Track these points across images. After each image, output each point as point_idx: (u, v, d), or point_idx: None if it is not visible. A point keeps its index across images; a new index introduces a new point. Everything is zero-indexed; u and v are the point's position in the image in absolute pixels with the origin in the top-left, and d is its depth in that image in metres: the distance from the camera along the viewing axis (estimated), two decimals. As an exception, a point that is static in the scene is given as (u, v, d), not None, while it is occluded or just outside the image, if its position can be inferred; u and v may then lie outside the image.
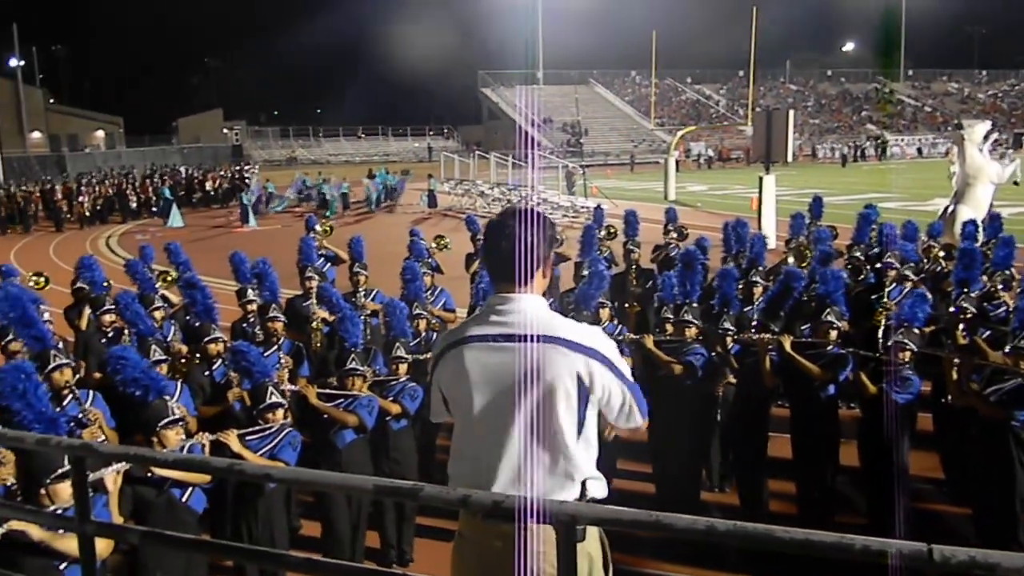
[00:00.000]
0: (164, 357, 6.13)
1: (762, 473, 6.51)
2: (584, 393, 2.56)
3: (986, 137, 15.11)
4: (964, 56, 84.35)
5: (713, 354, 6.53)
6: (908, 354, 5.81)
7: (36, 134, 60.29)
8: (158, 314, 7.48)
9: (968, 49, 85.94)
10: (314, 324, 7.98)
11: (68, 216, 30.08)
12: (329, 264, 10.54)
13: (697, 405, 6.48)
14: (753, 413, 6.58)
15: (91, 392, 5.62)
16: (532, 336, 2.56)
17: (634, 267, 9.95)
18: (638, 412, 2.67)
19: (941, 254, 9.17)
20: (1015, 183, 19.41)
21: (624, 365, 2.65)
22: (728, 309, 6.95)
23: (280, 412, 5.16)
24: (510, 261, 2.63)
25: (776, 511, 6.43)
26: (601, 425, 2.73)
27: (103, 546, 3.27)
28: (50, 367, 5.49)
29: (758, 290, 7.87)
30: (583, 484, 2.60)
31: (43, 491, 3.72)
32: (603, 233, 11.14)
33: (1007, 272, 7.67)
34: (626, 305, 9.35)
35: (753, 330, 6.74)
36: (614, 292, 8.61)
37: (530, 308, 2.62)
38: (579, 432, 2.59)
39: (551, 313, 2.66)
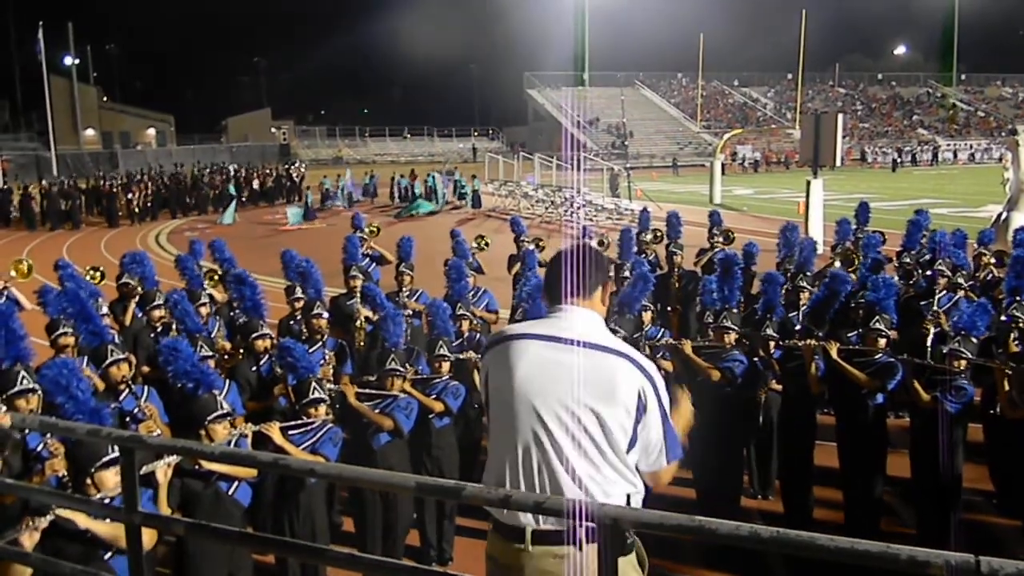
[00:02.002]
0: (211, 354, 6.23)
1: (808, 481, 6.42)
2: (641, 410, 2.57)
3: (1042, 143, 14.75)
4: (1019, 60, 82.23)
5: (756, 359, 6.46)
6: (963, 363, 5.70)
7: (89, 131, 61.80)
8: (204, 310, 7.60)
9: (1022, 53, 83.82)
10: (358, 323, 8.05)
11: (120, 212, 30.73)
12: (375, 264, 10.62)
13: (736, 411, 6.42)
14: (799, 420, 6.50)
15: (146, 387, 5.72)
16: (596, 345, 2.60)
17: (677, 270, 9.89)
18: (666, 454, 2.65)
19: (992, 261, 8.96)
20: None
21: (669, 404, 2.67)
22: (772, 314, 6.87)
23: (323, 408, 5.22)
24: (587, 279, 2.72)
25: (821, 519, 6.34)
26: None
27: (148, 537, 3.33)
28: (108, 361, 5.62)
29: (805, 295, 7.76)
30: (628, 498, 2.59)
31: (88, 480, 3.79)
32: (649, 236, 11.09)
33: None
34: (668, 308, 9.30)
35: (797, 335, 6.65)
36: (657, 295, 8.56)
37: (589, 319, 2.71)
38: (631, 445, 2.59)
39: (609, 332, 2.74)
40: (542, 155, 33.36)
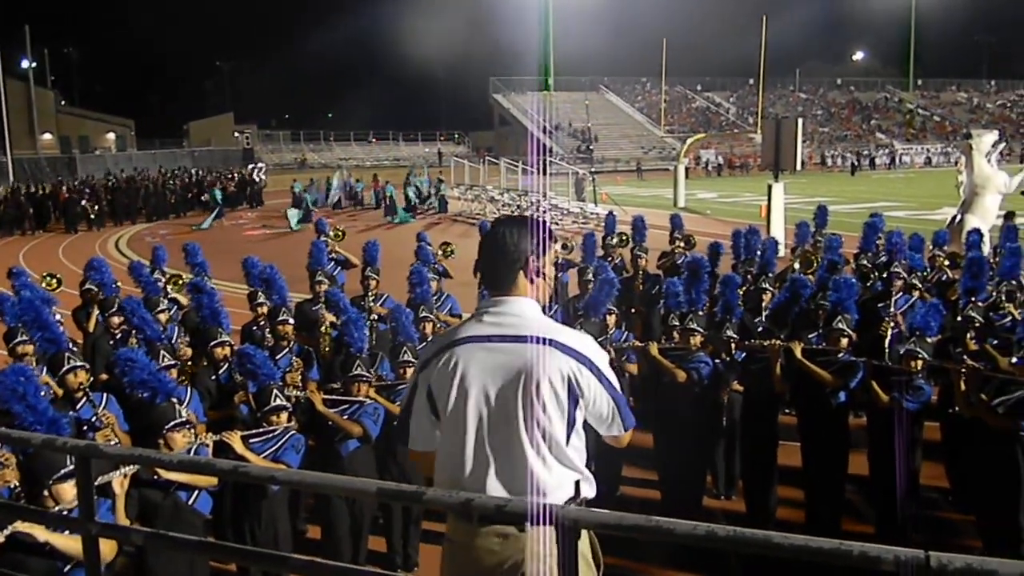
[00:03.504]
0: (173, 362, 6.15)
1: (770, 481, 6.50)
2: (574, 396, 2.58)
3: (994, 147, 15.08)
4: (973, 66, 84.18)
5: (718, 361, 6.54)
6: (920, 363, 5.82)
7: (47, 136, 60.67)
8: (163, 316, 7.52)
9: (977, 59, 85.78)
10: (323, 328, 8.01)
11: (79, 217, 30.23)
12: (340, 268, 10.58)
13: (702, 412, 6.48)
14: (761, 420, 6.58)
15: (105, 395, 5.64)
16: (521, 337, 2.59)
17: (641, 272, 9.99)
18: (621, 422, 2.69)
19: (946, 263, 9.15)
20: (1023, 193, 19.33)
21: (612, 375, 2.68)
22: (731, 316, 6.96)
23: (284, 415, 5.18)
24: (502, 268, 2.69)
25: (784, 519, 6.42)
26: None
27: (107, 548, 3.28)
28: (64, 369, 5.53)
29: (767, 296, 7.87)
30: (576, 484, 2.61)
31: (46, 492, 3.73)
32: (614, 240, 11.19)
33: (1012, 283, 7.65)
34: (631, 310, 9.38)
35: (759, 337, 6.74)
36: (621, 297, 8.63)
37: (524, 310, 2.66)
38: (569, 434, 2.61)
39: (543, 316, 2.68)
40: (508, 159, 33.40)
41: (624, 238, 11.39)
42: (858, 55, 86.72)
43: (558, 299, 8.66)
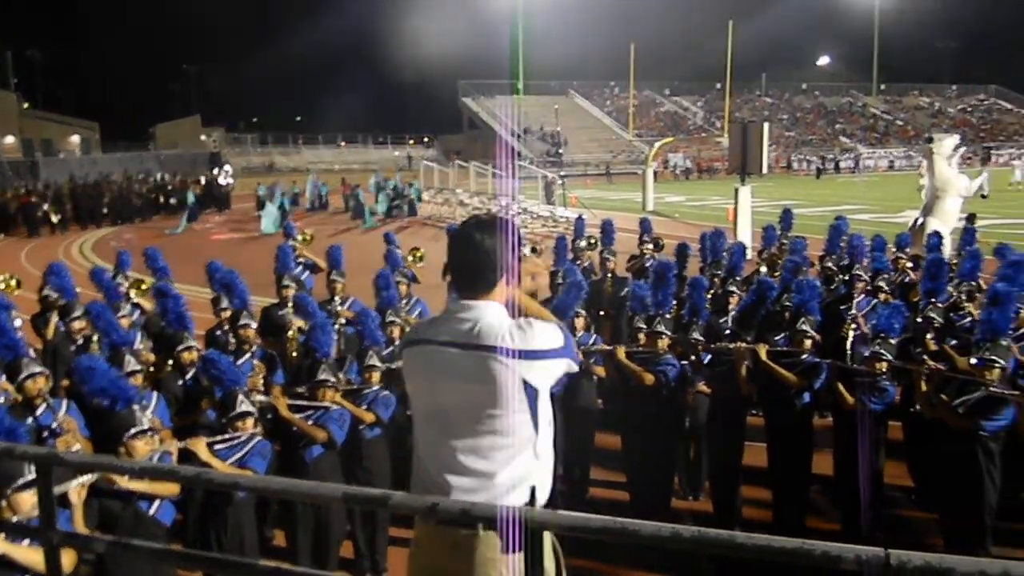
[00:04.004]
0: (139, 368, 6.06)
1: (736, 481, 6.55)
2: (532, 394, 2.59)
3: (955, 151, 15.34)
4: (935, 71, 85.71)
5: (685, 363, 6.58)
6: (884, 364, 5.90)
7: (9, 139, 59.56)
8: (125, 322, 7.41)
9: (939, 64, 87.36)
10: (290, 333, 7.95)
11: (42, 221, 29.76)
12: (308, 272, 10.51)
13: (668, 414, 6.53)
14: (728, 421, 6.64)
15: (65, 401, 5.55)
16: (477, 346, 2.59)
17: (610, 275, 10.04)
18: (574, 367, 2.75)
19: (909, 265, 9.29)
20: (983, 196, 19.72)
21: (558, 336, 2.67)
22: (697, 319, 7.01)
23: (250, 421, 5.13)
24: (472, 271, 2.68)
25: (750, 518, 6.48)
26: None
27: (68, 560, 3.23)
28: (22, 376, 5.43)
29: (734, 299, 7.93)
30: (532, 489, 2.62)
31: (4, 502, 3.65)
32: (583, 243, 11.24)
33: (972, 284, 7.79)
34: (600, 313, 9.41)
35: (726, 339, 6.80)
36: (590, 300, 8.65)
37: (484, 317, 2.65)
38: (534, 436, 2.61)
39: (504, 322, 2.65)
40: (477, 163, 33.41)
41: (593, 241, 11.43)
42: (823, 60, 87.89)
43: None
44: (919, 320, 7.09)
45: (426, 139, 75.48)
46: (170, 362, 6.77)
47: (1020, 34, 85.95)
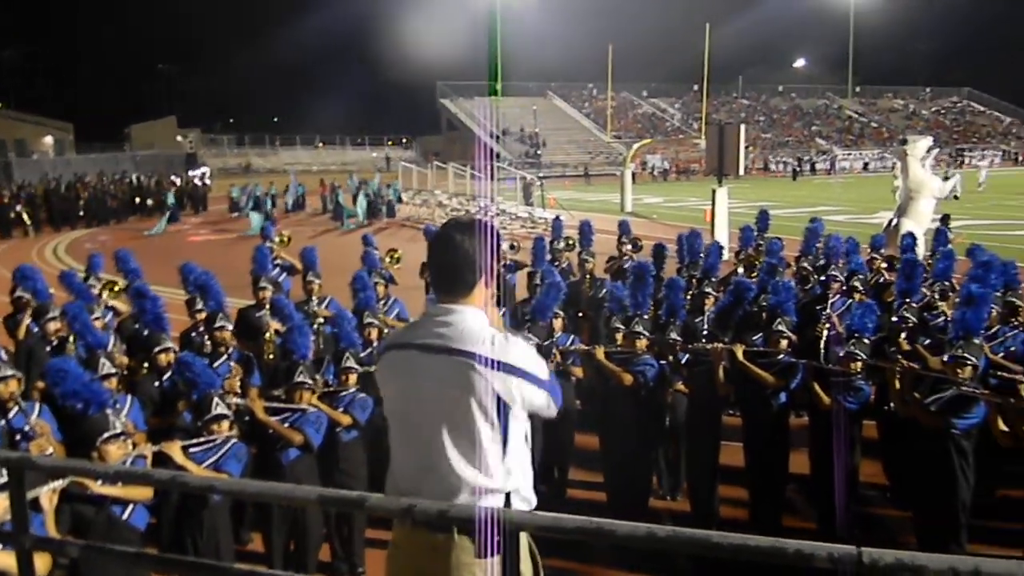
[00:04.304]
0: (113, 371, 6.00)
1: (714, 481, 6.59)
2: (505, 409, 2.58)
3: (928, 152, 15.52)
4: (909, 73, 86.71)
5: (663, 363, 6.62)
6: (859, 364, 5.96)
7: (-19, 140, 58.79)
8: (98, 324, 7.34)
9: (913, 67, 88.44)
10: (267, 335, 7.91)
11: (15, 223, 29.37)
12: (285, 274, 10.46)
13: (646, 414, 6.55)
14: (705, 421, 6.67)
15: (37, 404, 5.48)
16: (454, 350, 2.59)
17: (588, 277, 10.07)
18: (554, 408, 2.72)
19: (883, 265, 9.39)
20: (955, 197, 19.97)
21: (540, 368, 2.67)
22: (675, 319, 7.04)
23: (225, 424, 5.09)
24: (452, 272, 2.68)
25: (728, 517, 6.52)
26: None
27: (42, 565, 3.19)
28: (-6, 378, 5.35)
29: (709, 300, 7.98)
30: (507, 497, 2.62)
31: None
32: (562, 244, 11.27)
33: (945, 283, 7.88)
34: (579, 313, 9.44)
35: (704, 340, 6.84)
36: (568, 301, 8.68)
37: (464, 321, 2.64)
38: (503, 446, 2.61)
39: (483, 328, 2.65)
40: (456, 164, 33.38)
41: (571, 242, 11.47)
42: (799, 63, 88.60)
43: (506, 303, 8.67)
44: (894, 320, 7.17)
45: (404, 140, 75.28)
46: (146, 364, 6.71)
47: (993, 37, 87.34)
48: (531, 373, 2.63)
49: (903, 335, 6.93)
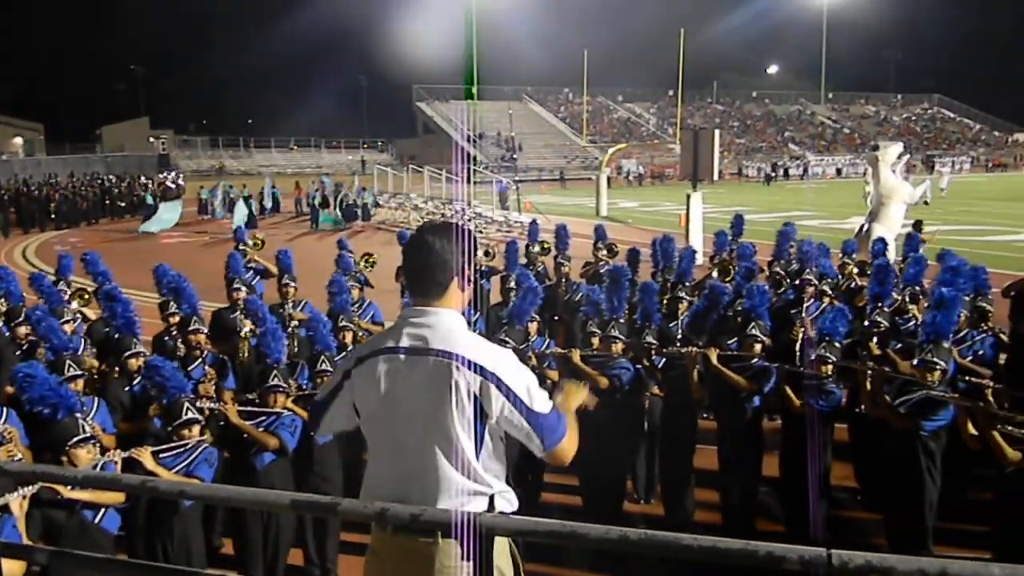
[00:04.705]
0: (79, 372, 5.94)
1: (688, 484, 6.62)
2: (479, 413, 2.55)
3: (899, 158, 15.71)
4: (881, 80, 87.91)
5: (639, 367, 6.64)
6: (830, 367, 6.02)
7: (-51, 140, 57.93)
8: (68, 327, 7.26)
9: (885, 73, 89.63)
10: (243, 335, 7.86)
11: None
12: (258, 277, 10.39)
13: (623, 418, 6.57)
14: (680, 425, 6.71)
15: (5, 408, 5.40)
16: (434, 351, 2.58)
17: (564, 281, 10.09)
18: (537, 443, 2.60)
19: (855, 270, 9.49)
20: (925, 203, 20.24)
21: (533, 395, 2.59)
22: (650, 323, 7.08)
23: (196, 428, 5.04)
24: (426, 275, 2.67)
25: (702, 521, 6.55)
26: None
27: (17, 568, 3.14)
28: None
29: (683, 305, 8.02)
30: (491, 499, 2.61)
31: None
32: (537, 248, 11.29)
33: (916, 288, 7.98)
34: (555, 318, 9.46)
35: (678, 343, 6.87)
36: (544, 306, 8.69)
37: (444, 322, 2.64)
38: (479, 449, 2.59)
39: (462, 329, 2.65)
40: (432, 168, 33.33)
41: (547, 246, 11.49)
42: (773, 69, 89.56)
43: (481, 307, 8.68)
44: (865, 324, 7.25)
45: (380, 143, 75.08)
46: (116, 368, 6.63)
47: (963, 45, 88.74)
48: (518, 395, 2.56)
49: (874, 339, 7.01)
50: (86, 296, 8.76)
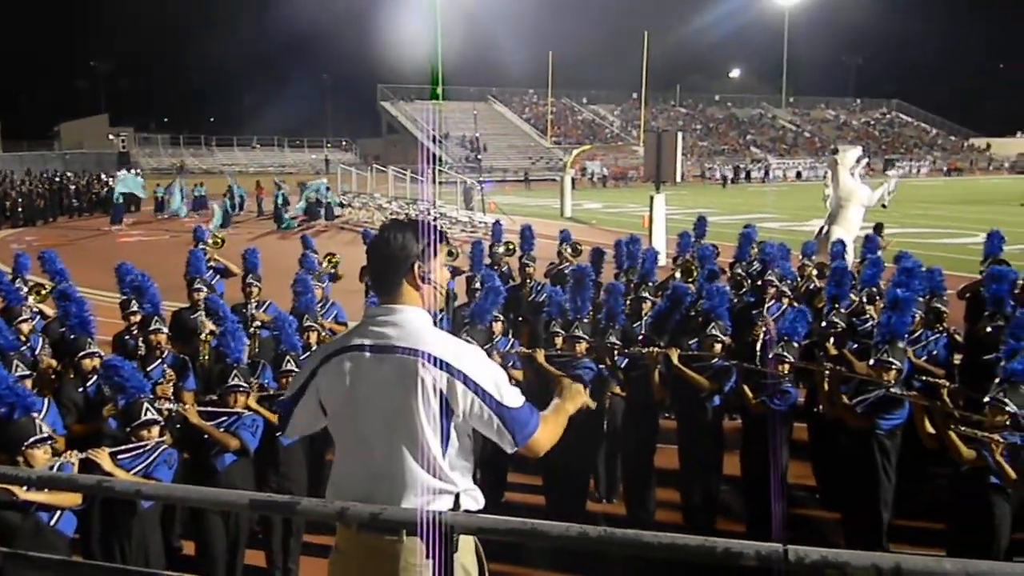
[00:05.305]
0: (28, 372, 5.82)
1: (649, 484, 6.68)
2: (446, 410, 2.55)
3: (858, 162, 15.96)
4: (841, 85, 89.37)
5: (601, 367, 6.68)
6: (787, 367, 6.10)
7: (-100, 136, 56.49)
8: (25, 327, 7.12)
9: (844, 79, 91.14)
10: (203, 336, 7.77)
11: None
12: (219, 276, 10.28)
13: (585, 418, 6.58)
14: (641, 425, 6.76)
15: None
16: (400, 348, 2.57)
17: (529, 281, 10.11)
18: (509, 438, 2.59)
19: (814, 272, 9.64)
20: (883, 206, 20.61)
21: (501, 389, 2.59)
22: (614, 323, 7.12)
23: (155, 430, 4.97)
24: (388, 270, 2.67)
25: (663, 520, 6.60)
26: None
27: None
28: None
29: (647, 305, 8.09)
30: (456, 497, 2.61)
31: None
32: (501, 249, 11.29)
33: (873, 289, 8.13)
34: (519, 318, 9.47)
35: (640, 343, 6.92)
36: (509, 306, 8.71)
37: (409, 319, 2.63)
38: (445, 447, 2.58)
39: (427, 326, 2.65)
40: (396, 168, 33.21)
41: (511, 247, 11.51)
42: (735, 72, 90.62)
43: (446, 307, 8.66)
44: (823, 324, 7.36)
45: (344, 143, 74.58)
46: (71, 369, 6.52)
47: (920, 51, 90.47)
48: (486, 390, 2.55)
49: (831, 339, 7.12)
50: (43, 292, 8.60)
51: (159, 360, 6.71)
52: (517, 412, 2.59)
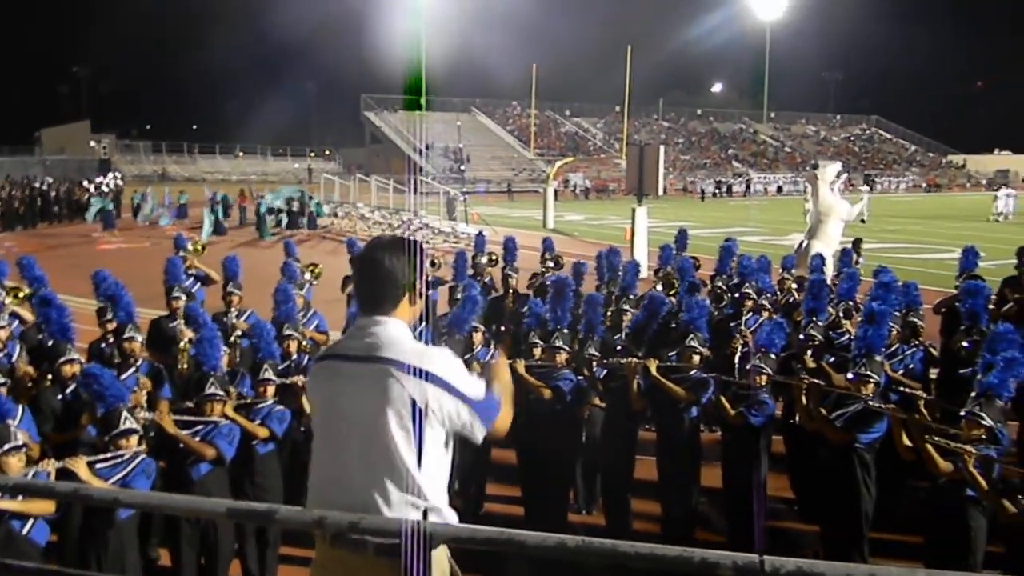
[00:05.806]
0: (3, 380, 5.76)
1: (628, 494, 6.69)
2: (419, 418, 2.57)
3: (837, 177, 16.12)
4: (821, 101, 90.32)
5: (580, 378, 6.69)
6: (764, 379, 6.14)
7: None
8: (2, 333, 7.05)
9: (825, 95, 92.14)
10: (181, 345, 7.71)
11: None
12: (199, 284, 10.22)
13: (565, 428, 6.61)
14: (620, 436, 6.77)
15: None
16: (377, 358, 2.60)
17: (511, 292, 10.13)
18: (479, 428, 2.68)
19: (794, 286, 9.71)
20: (862, 221, 20.80)
21: (467, 383, 2.66)
22: (593, 334, 7.14)
23: (134, 439, 4.92)
24: (377, 292, 2.70)
25: (642, 531, 6.60)
26: None
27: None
28: None
29: (627, 317, 8.11)
30: (424, 513, 2.58)
31: None
32: (484, 259, 11.31)
33: (849, 303, 8.20)
34: (501, 328, 9.48)
35: (618, 354, 6.94)
36: (491, 316, 8.71)
37: (386, 332, 2.66)
38: (420, 458, 2.59)
39: (404, 337, 2.68)
40: (379, 177, 33.18)
41: (494, 258, 11.52)
42: (717, 87, 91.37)
43: (428, 317, 8.65)
44: (801, 337, 7.42)
45: (327, 152, 74.46)
46: (49, 376, 6.46)
47: (900, 68, 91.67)
48: (454, 386, 2.62)
49: (810, 352, 7.17)
50: (20, 295, 8.52)
51: (133, 368, 6.65)
52: (482, 400, 2.69)
